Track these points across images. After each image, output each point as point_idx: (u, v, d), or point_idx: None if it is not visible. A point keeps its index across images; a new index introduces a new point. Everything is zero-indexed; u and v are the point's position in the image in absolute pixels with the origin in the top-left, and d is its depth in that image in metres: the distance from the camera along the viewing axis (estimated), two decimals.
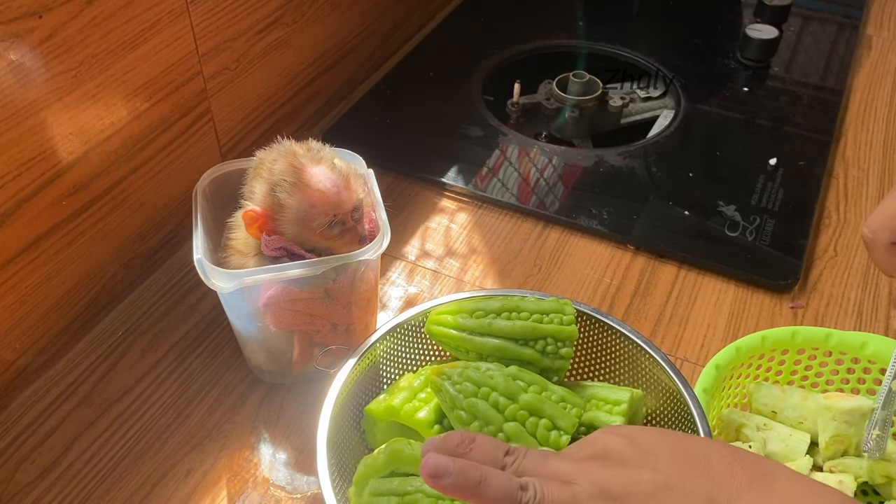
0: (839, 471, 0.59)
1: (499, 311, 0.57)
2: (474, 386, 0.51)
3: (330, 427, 0.53)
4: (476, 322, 0.56)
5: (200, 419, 0.66)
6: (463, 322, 0.57)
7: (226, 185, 0.66)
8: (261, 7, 0.81)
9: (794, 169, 0.91)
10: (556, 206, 0.86)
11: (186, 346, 0.72)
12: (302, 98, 0.95)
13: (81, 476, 0.62)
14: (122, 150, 0.69)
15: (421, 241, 0.83)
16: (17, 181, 0.61)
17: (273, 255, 0.60)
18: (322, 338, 0.64)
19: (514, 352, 0.55)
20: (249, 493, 0.61)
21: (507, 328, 0.56)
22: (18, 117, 0.59)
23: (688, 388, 0.54)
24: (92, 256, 0.70)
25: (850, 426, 0.58)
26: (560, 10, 1.24)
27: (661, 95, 1.08)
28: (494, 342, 0.56)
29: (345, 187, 0.58)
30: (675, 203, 0.86)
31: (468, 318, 0.57)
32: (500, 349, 0.55)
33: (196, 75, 0.75)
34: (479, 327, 0.56)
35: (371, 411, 0.56)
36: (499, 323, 0.56)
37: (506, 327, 0.56)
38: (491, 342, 0.56)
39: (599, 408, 0.55)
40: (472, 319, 0.57)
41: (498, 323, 0.56)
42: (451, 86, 1.04)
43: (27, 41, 0.57)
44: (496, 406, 0.50)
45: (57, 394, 0.67)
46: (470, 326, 0.57)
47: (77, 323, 0.71)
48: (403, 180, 0.91)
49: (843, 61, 1.12)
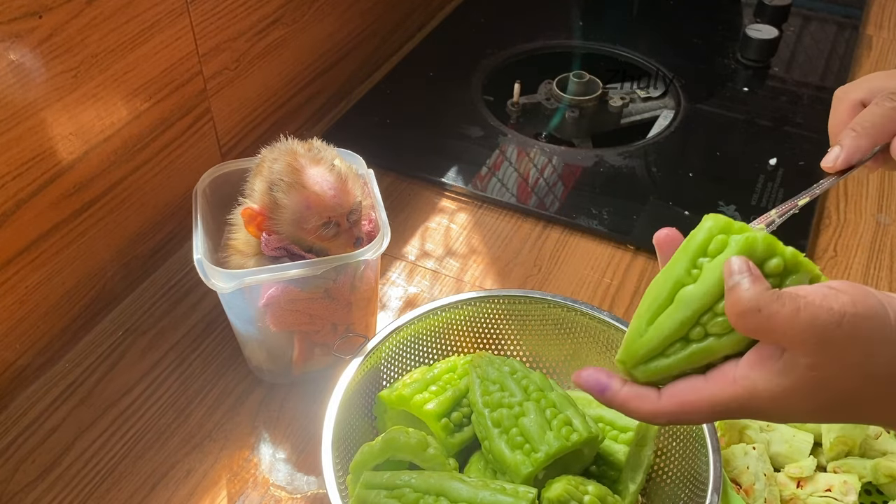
0: (843, 471, 0.59)
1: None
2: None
3: (338, 412, 0.53)
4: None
5: (200, 419, 0.66)
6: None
7: (226, 185, 0.66)
8: (261, 7, 0.81)
9: (794, 169, 0.91)
10: (556, 206, 0.86)
11: (186, 346, 0.72)
12: (302, 98, 0.95)
13: (81, 476, 0.62)
14: (122, 150, 0.69)
15: (421, 241, 0.83)
16: (17, 181, 0.60)
17: (273, 255, 0.60)
18: (322, 338, 0.64)
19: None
20: (249, 493, 0.61)
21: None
22: (18, 117, 0.59)
23: None
24: (92, 256, 0.70)
25: (855, 427, 0.58)
26: (560, 10, 1.24)
27: (661, 95, 1.08)
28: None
29: (341, 189, 0.58)
30: (675, 203, 0.86)
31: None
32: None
33: (196, 75, 0.75)
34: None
35: (383, 398, 0.57)
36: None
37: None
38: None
39: (605, 432, 0.55)
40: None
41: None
42: (451, 86, 1.04)
43: (27, 41, 0.57)
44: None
45: (57, 394, 0.67)
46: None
47: (77, 323, 0.71)
48: (403, 180, 0.91)
49: (843, 61, 1.12)
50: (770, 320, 0.36)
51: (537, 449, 0.49)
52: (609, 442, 0.55)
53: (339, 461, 0.52)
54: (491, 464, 0.53)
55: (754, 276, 0.37)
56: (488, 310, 0.62)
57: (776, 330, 0.36)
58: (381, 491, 0.49)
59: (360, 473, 0.51)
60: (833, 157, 0.50)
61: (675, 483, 0.55)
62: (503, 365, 0.54)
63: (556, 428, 0.50)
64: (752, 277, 0.37)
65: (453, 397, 0.56)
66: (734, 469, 0.58)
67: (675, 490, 0.55)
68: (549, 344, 0.63)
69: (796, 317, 0.35)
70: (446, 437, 0.55)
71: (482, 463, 0.54)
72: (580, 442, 0.50)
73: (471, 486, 0.48)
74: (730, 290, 0.37)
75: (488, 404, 0.53)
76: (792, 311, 0.35)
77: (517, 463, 0.50)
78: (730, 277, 0.37)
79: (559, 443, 0.49)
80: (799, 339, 0.35)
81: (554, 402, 0.52)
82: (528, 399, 0.52)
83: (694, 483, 0.52)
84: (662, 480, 0.57)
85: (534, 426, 0.50)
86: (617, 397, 0.41)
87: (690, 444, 0.54)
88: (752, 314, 0.36)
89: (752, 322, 0.36)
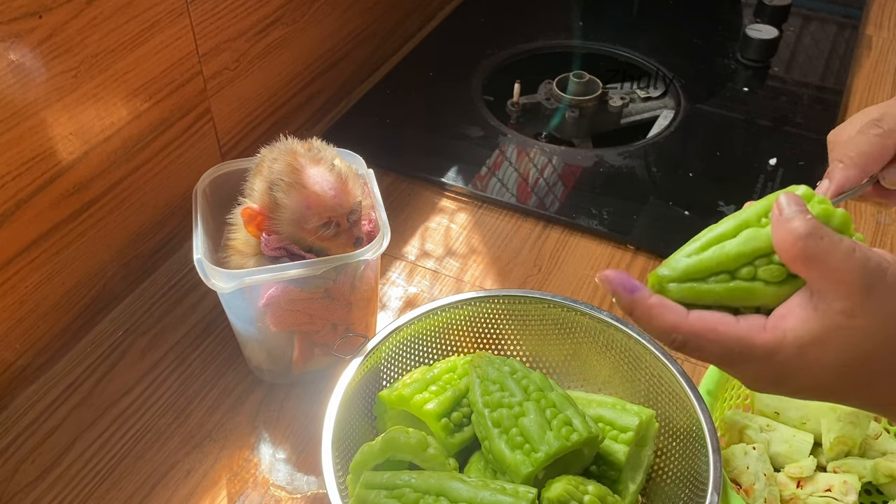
0: (843, 471, 0.59)
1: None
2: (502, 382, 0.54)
3: (339, 412, 0.53)
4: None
5: (200, 419, 0.66)
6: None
7: (226, 185, 0.66)
8: (261, 7, 0.81)
9: (794, 169, 0.91)
10: (556, 206, 0.86)
11: (186, 346, 0.72)
12: (302, 98, 0.95)
13: (81, 476, 0.62)
14: (122, 150, 0.69)
15: (421, 241, 0.83)
16: (17, 181, 0.60)
17: (273, 255, 0.60)
18: (322, 338, 0.64)
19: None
20: (249, 493, 0.61)
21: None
22: (18, 117, 0.59)
23: (692, 387, 0.54)
24: (92, 256, 0.70)
25: (855, 427, 0.58)
26: (560, 10, 1.24)
27: (661, 95, 1.08)
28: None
29: (341, 190, 0.58)
30: (675, 203, 0.86)
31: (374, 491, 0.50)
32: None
33: (196, 75, 0.75)
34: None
35: (383, 398, 0.57)
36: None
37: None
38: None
39: (605, 432, 0.55)
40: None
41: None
42: (451, 86, 1.04)
43: (27, 41, 0.57)
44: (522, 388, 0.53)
45: (57, 394, 0.67)
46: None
47: (77, 323, 0.71)
48: (403, 180, 0.91)
49: (843, 61, 1.12)
50: (829, 250, 0.36)
51: (537, 449, 0.49)
52: (609, 442, 0.55)
53: (339, 461, 0.52)
54: (491, 464, 0.53)
55: (812, 215, 0.37)
56: (488, 310, 0.62)
57: (830, 262, 0.36)
58: (381, 491, 0.49)
59: (360, 473, 0.51)
60: (822, 190, 0.49)
61: (675, 483, 0.55)
62: (503, 365, 0.54)
63: (556, 428, 0.50)
64: (811, 214, 0.37)
65: (453, 397, 0.56)
66: (734, 469, 0.58)
67: (675, 490, 0.55)
68: (549, 344, 0.63)
69: (852, 255, 0.36)
70: (446, 437, 0.55)
71: (482, 463, 0.54)
72: (580, 442, 0.50)
73: (471, 486, 0.48)
74: (792, 217, 0.37)
75: (488, 404, 0.53)
76: (849, 248, 0.36)
77: (517, 463, 0.50)
78: (788, 207, 0.38)
79: (559, 443, 0.49)
80: (846, 278, 0.36)
81: (554, 402, 0.52)
82: (528, 399, 0.52)
83: (694, 483, 0.52)
84: (662, 480, 0.57)
85: (534, 426, 0.50)
86: (645, 301, 0.40)
87: (690, 444, 0.54)
88: (815, 239, 0.36)
89: (812, 247, 0.36)
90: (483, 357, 0.56)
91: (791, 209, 0.38)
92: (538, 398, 0.52)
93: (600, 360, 0.61)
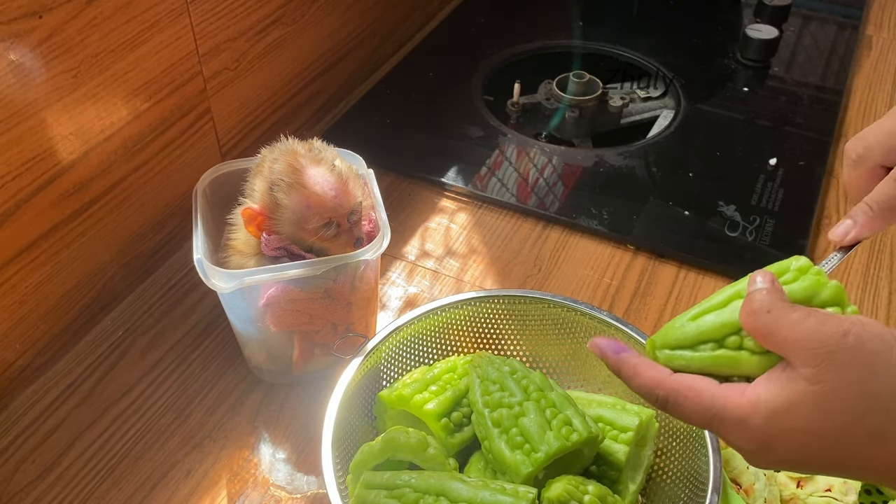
0: None
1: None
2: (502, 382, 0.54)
3: (339, 412, 0.53)
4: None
5: (200, 419, 0.66)
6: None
7: (226, 185, 0.66)
8: (261, 7, 0.81)
9: (794, 169, 0.91)
10: (556, 206, 0.86)
11: (186, 346, 0.72)
12: (302, 98, 0.95)
13: (81, 476, 0.62)
14: (122, 150, 0.69)
15: (421, 241, 0.83)
16: (17, 181, 0.60)
17: (273, 255, 0.60)
18: (322, 338, 0.64)
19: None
20: (249, 493, 0.61)
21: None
22: (18, 117, 0.59)
23: None
24: (92, 256, 0.70)
25: None
26: (560, 10, 1.24)
27: (661, 95, 1.08)
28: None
29: (342, 190, 0.58)
30: (675, 203, 0.86)
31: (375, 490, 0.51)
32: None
33: (196, 75, 0.75)
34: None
35: (383, 398, 0.57)
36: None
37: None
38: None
39: (605, 432, 0.55)
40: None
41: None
42: (451, 86, 1.04)
43: (27, 41, 0.57)
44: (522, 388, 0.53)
45: (57, 394, 0.67)
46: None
47: (77, 323, 0.71)
48: (403, 180, 0.91)
49: (843, 61, 1.12)
50: (777, 322, 0.37)
51: (537, 449, 0.49)
52: (609, 442, 0.55)
53: (339, 461, 0.52)
54: (491, 464, 0.53)
55: (775, 289, 0.38)
56: (488, 310, 0.62)
57: (780, 332, 0.36)
58: (381, 491, 0.49)
59: (360, 473, 0.51)
60: (842, 232, 0.47)
61: (675, 483, 0.55)
62: (503, 365, 0.54)
63: (556, 428, 0.50)
64: (772, 288, 0.38)
65: (453, 397, 0.56)
66: (734, 469, 0.58)
67: (675, 490, 0.55)
68: (549, 344, 0.63)
69: (803, 322, 0.36)
70: (446, 437, 0.55)
71: (482, 463, 0.54)
72: (580, 442, 0.50)
73: (471, 486, 0.48)
74: (752, 293, 0.39)
75: (488, 404, 0.53)
76: (801, 317, 0.36)
77: (517, 463, 0.50)
78: (752, 284, 0.39)
79: (559, 443, 0.49)
80: (801, 346, 0.36)
81: (554, 402, 0.52)
82: (528, 399, 0.52)
83: (694, 483, 0.52)
84: (662, 480, 0.57)
85: (534, 426, 0.50)
86: (630, 360, 0.43)
87: (690, 444, 0.54)
88: (762, 314, 0.37)
89: (760, 321, 0.37)
90: (483, 357, 0.56)
91: (753, 286, 0.39)
92: (538, 398, 0.52)
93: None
